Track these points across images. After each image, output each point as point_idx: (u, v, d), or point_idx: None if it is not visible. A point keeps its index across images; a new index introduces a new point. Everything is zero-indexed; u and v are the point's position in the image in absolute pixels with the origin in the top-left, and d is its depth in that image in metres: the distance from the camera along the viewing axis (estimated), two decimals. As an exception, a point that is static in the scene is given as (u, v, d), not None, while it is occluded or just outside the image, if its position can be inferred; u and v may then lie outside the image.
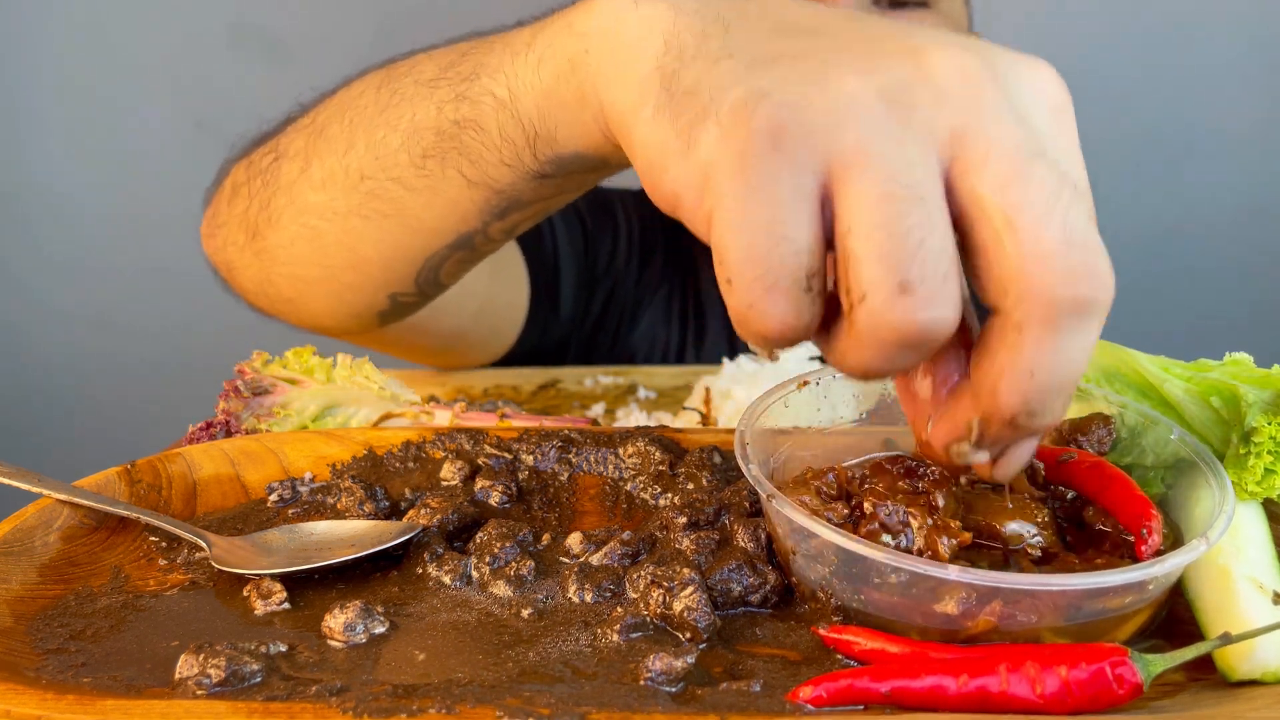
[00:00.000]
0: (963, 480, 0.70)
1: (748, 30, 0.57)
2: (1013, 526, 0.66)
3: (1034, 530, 0.66)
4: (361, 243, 0.89)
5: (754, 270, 0.52)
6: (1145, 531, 0.63)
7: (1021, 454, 0.57)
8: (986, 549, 0.66)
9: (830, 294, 0.53)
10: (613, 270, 1.55)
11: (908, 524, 0.64)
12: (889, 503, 0.65)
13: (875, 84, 0.51)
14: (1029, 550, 0.65)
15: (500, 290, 1.34)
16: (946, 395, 0.57)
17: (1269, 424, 0.66)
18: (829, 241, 0.52)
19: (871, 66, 0.52)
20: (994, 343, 0.52)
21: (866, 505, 0.66)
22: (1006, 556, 0.66)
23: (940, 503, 0.66)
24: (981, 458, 0.57)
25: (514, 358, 1.42)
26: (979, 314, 0.56)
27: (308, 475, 0.83)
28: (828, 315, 0.54)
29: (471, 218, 0.84)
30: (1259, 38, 2.18)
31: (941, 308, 0.50)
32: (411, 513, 0.76)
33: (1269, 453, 0.66)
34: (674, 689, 0.58)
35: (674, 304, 1.57)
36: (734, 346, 1.54)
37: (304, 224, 0.90)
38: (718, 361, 1.50)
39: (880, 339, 0.51)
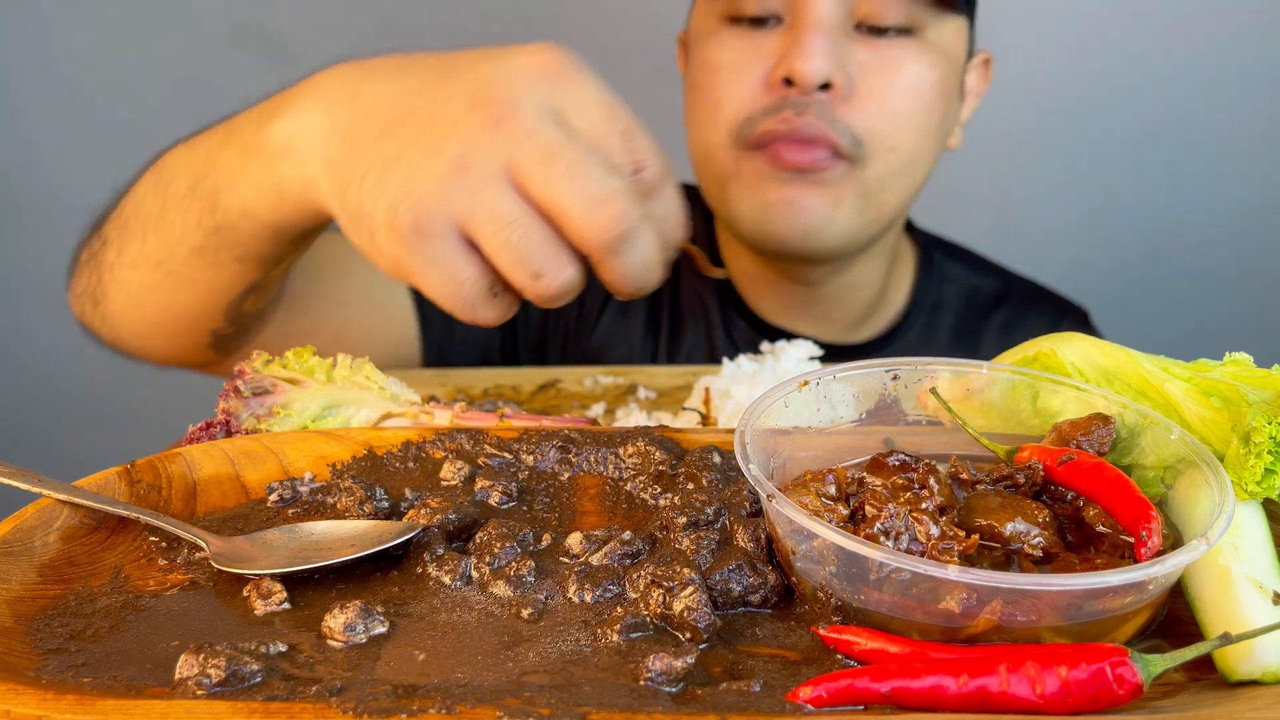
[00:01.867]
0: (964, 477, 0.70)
1: (366, 140, 0.83)
2: (1013, 526, 0.66)
3: (1034, 530, 0.66)
4: (173, 303, 1.11)
5: (460, 305, 0.81)
6: (1145, 533, 0.63)
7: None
8: (987, 549, 0.66)
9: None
10: None
11: (913, 534, 0.64)
12: (892, 505, 0.65)
13: (445, 164, 0.77)
14: (1029, 550, 0.66)
15: (378, 315, 1.41)
16: None
17: (1269, 424, 0.66)
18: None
19: (439, 150, 0.78)
20: (601, 273, 0.82)
21: (869, 509, 0.66)
22: (1008, 556, 0.66)
23: (934, 485, 0.66)
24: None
25: (454, 357, 1.48)
26: None
27: (308, 475, 0.83)
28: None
29: (250, 275, 1.07)
30: (1259, 38, 2.18)
31: (565, 273, 0.80)
32: (411, 513, 0.76)
33: (1269, 453, 0.66)
34: (674, 689, 0.58)
35: (634, 304, 1.57)
36: (714, 349, 1.53)
37: (127, 296, 1.13)
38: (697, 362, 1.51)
39: (547, 303, 0.82)
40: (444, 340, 1.47)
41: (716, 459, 0.82)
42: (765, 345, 1.17)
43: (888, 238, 1.48)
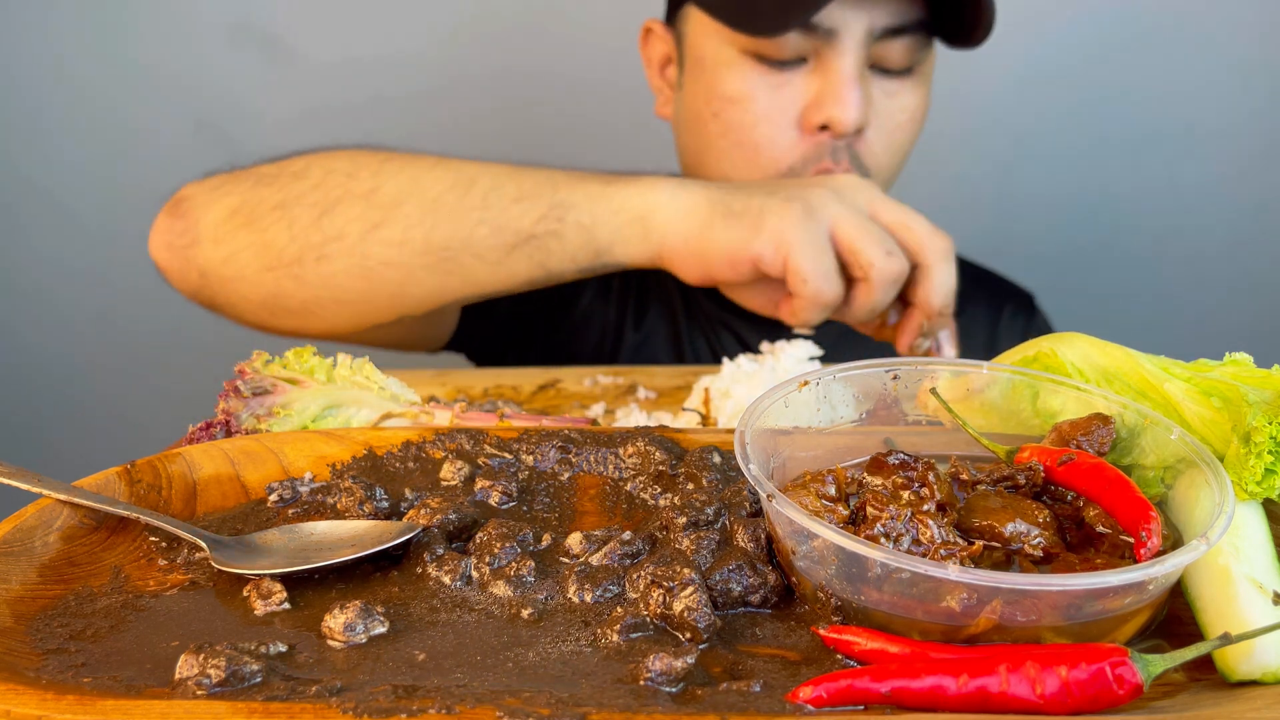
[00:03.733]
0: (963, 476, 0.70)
1: (744, 189, 1.20)
2: (1013, 527, 0.66)
3: (1035, 531, 0.66)
4: (416, 285, 1.20)
5: (820, 271, 1.15)
6: (1144, 534, 0.63)
7: (945, 332, 1.24)
8: (988, 549, 0.66)
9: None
10: None
11: (915, 535, 0.64)
12: (893, 506, 0.65)
13: (823, 189, 1.18)
14: (1029, 550, 0.66)
15: None
16: (901, 319, 1.24)
17: (1269, 424, 0.66)
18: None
19: (816, 185, 1.19)
20: (920, 278, 1.19)
21: (870, 510, 0.66)
22: (1008, 557, 0.66)
23: (932, 481, 0.66)
24: (926, 345, 1.22)
25: (455, 342, 1.52)
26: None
27: (308, 475, 0.83)
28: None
29: (520, 283, 1.22)
30: (1259, 38, 2.18)
31: (903, 259, 1.16)
32: (411, 513, 0.76)
33: (1269, 453, 0.66)
34: (674, 689, 0.58)
35: (614, 285, 1.62)
36: (677, 334, 1.57)
37: (362, 267, 1.19)
38: (658, 340, 1.57)
39: (883, 283, 1.16)
40: (482, 324, 1.52)
41: (716, 459, 0.82)
42: (765, 345, 1.18)
43: None
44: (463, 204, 1.19)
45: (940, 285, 1.17)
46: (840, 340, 1.57)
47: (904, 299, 1.22)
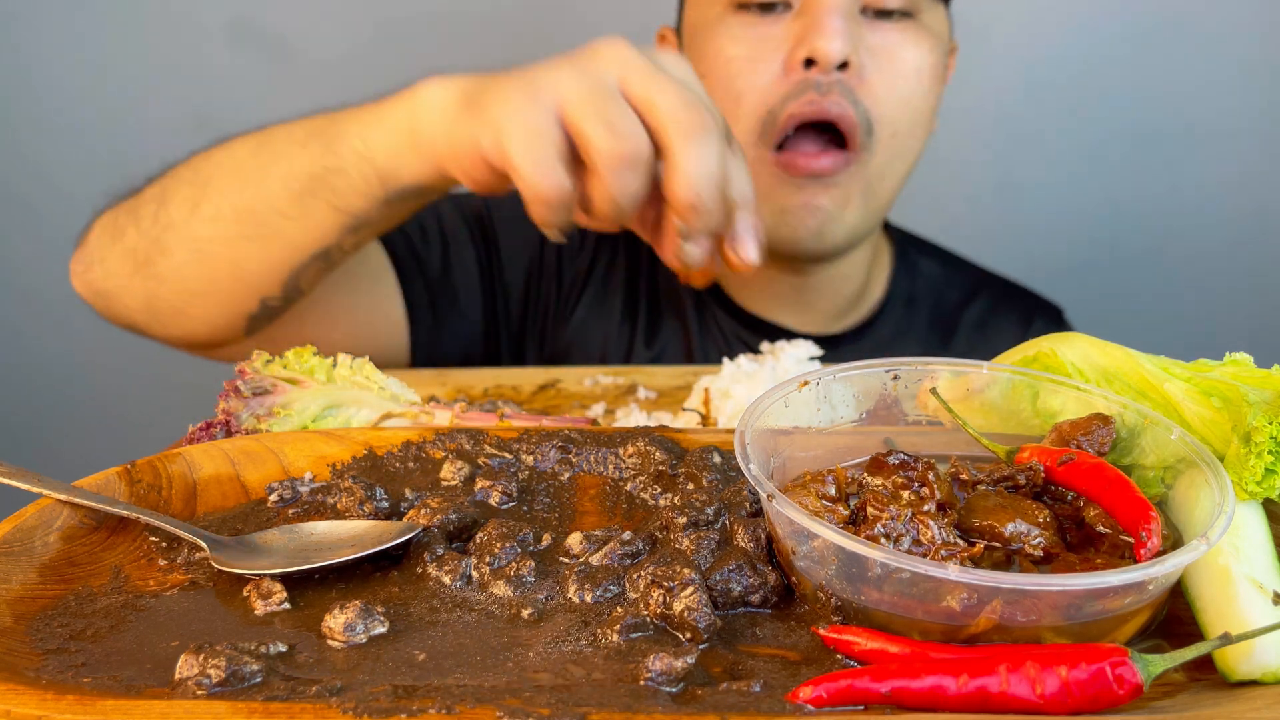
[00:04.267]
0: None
1: (501, 76, 1.00)
2: (1013, 527, 0.66)
3: (1035, 531, 0.66)
4: (245, 259, 1.17)
5: (532, 158, 0.94)
6: (1144, 534, 0.63)
7: (743, 224, 1.01)
8: (988, 549, 0.66)
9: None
10: (541, 268, 1.58)
11: (915, 535, 0.64)
12: (894, 506, 0.65)
13: (569, 64, 0.95)
14: (1030, 550, 0.66)
15: (366, 312, 1.43)
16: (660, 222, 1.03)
17: (1269, 424, 0.66)
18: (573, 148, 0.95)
19: (568, 60, 0.96)
20: (667, 166, 0.95)
21: (870, 510, 0.66)
22: (1009, 556, 0.66)
23: (932, 480, 0.66)
24: (694, 250, 0.99)
25: (437, 357, 1.49)
26: None
27: (308, 475, 0.83)
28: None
29: (331, 235, 1.15)
30: (1259, 37, 2.18)
31: (637, 136, 0.93)
32: (411, 513, 0.76)
33: (1269, 453, 0.66)
34: (674, 689, 0.58)
35: (609, 297, 1.58)
36: (690, 349, 1.54)
37: (195, 249, 1.18)
38: (671, 356, 1.53)
39: (610, 169, 0.93)
40: (432, 332, 1.48)
41: (716, 459, 0.82)
42: (765, 345, 1.18)
43: (886, 212, 1.52)
44: (258, 161, 1.15)
45: (686, 172, 0.92)
46: (842, 341, 1.57)
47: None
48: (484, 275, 1.54)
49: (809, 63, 1.30)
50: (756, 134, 1.35)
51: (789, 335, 1.51)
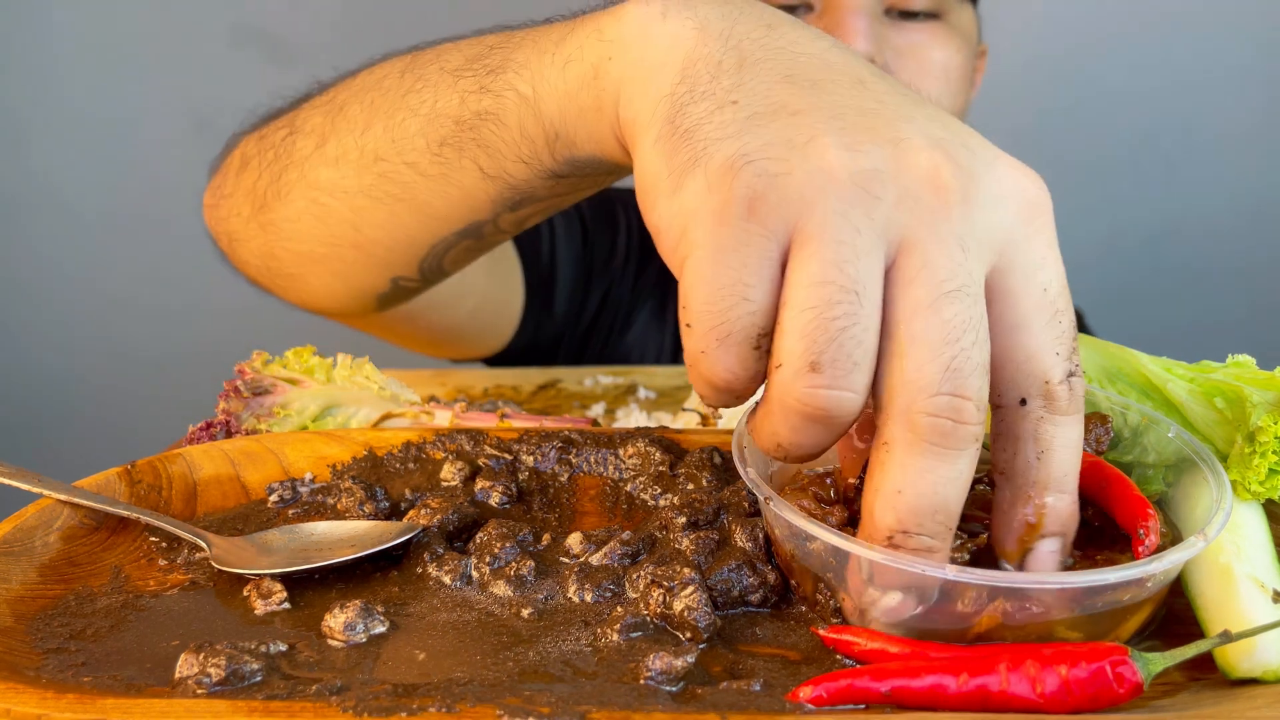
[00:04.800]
0: None
1: (758, 72, 0.58)
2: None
3: None
4: (368, 223, 0.89)
5: (712, 321, 0.55)
6: (1142, 532, 0.63)
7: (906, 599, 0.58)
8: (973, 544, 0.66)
9: None
10: (610, 271, 1.55)
11: None
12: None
13: (852, 166, 0.54)
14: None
15: (496, 289, 1.37)
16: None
17: (1273, 424, 0.66)
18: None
19: (855, 144, 0.54)
20: (872, 462, 0.56)
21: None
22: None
23: None
24: (889, 601, 0.59)
25: (508, 355, 1.45)
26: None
27: (308, 475, 0.83)
28: None
29: (483, 208, 0.84)
30: (1259, 38, 2.18)
31: (844, 390, 0.53)
32: (412, 513, 0.76)
33: (1273, 453, 0.66)
34: (674, 689, 0.58)
35: (669, 308, 1.57)
36: None
37: (313, 199, 0.90)
38: None
39: (785, 408, 0.55)
40: (533, 322, 1.43)
41: (716, 459, 0.82)
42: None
43: None
44: (399, 88, 0.84)
45: (892, 487, 0.55)
46: None
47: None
48: (578, 271, 1.49)
49: None
50: None
51: None
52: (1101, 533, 0.67)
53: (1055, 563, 0.60)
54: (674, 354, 1.55)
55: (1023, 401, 0.57)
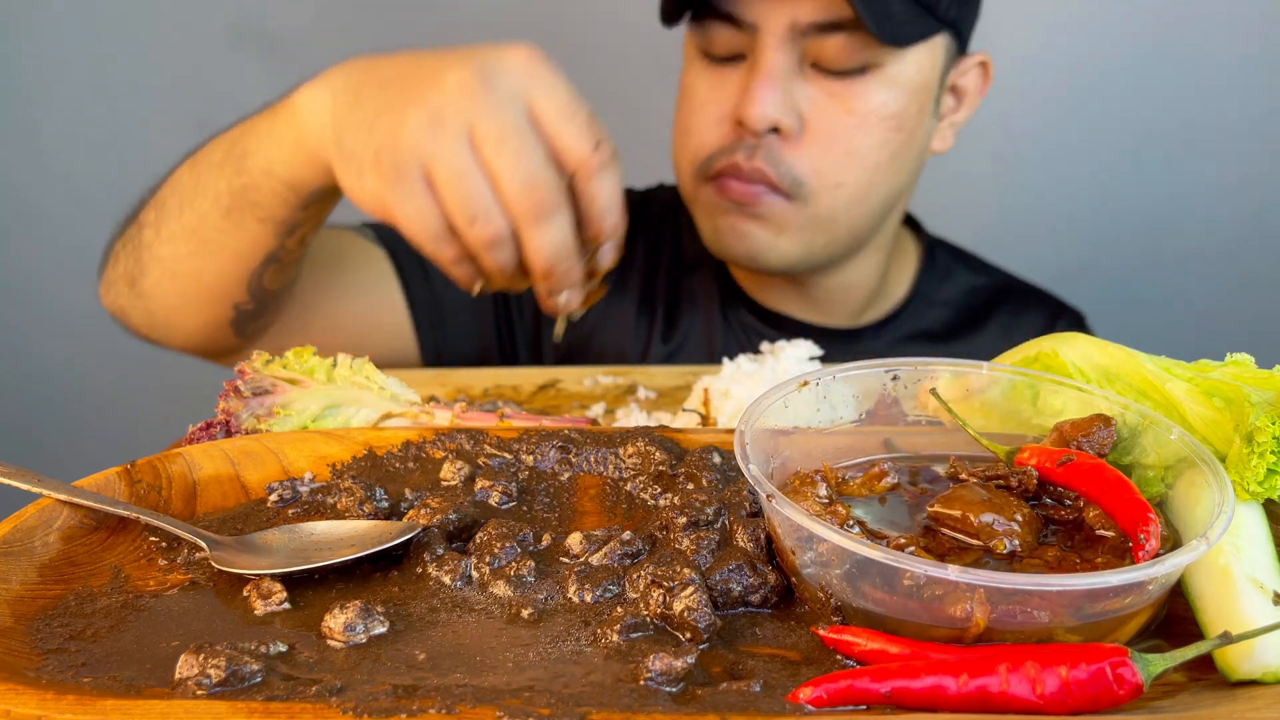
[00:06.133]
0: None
1: (367, 94, 1.00)
2: (984, 519, 0.66)
3: (1005, 524, 0.66)
4: (201, 272, 1.22)
5: (426, 238, 0.97)
6: (1143, 536, 0.63)
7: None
8: (964, 548, 0.66)
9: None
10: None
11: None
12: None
13: (424, 117, 0.94)
14: (996, 546, 0.65)
15: (368, 312, 1.45)
16: None
17: (1272, 424, 0.66)
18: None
19: (422, 103, 0.95)
20: (520, 241, 0.98)
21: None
22: (987, 552, 0.65)
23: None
24: (567, 297, 1.02)
25: (450, 357, 1.51)
26: None
27: (308, 475, 0.83)
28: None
29: (270, 242, 1.19)
30: (1259, 37, 2.18)
31: (495, 223, 0.96)
32: (411, 513, 0.76)
33: (1271, 453, 0.66)
34: (674, 689, 0.58)
35: (631, 294, 1.60)
36: (712, 344, 1.56)
37: (162, 269, 1.25)
38: (691, 353, 1.54)
39: (476, 252, 0.98)
40: (439, 334, 1.49)
41: (716, 459, 0.82)
42: (765, 345, 1.17)
43: (880, 237, 1.51)
44: (192, 183, 1.20)
45: (535, 250, 0.97)
46: (862, 336, 1.58)
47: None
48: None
49: (742, 122, 1.32)
50: (697, 170, 1.40)
51: (808, 330, 1.51)
52: (1102, 537, 0.67)
53: (612, 253, 1.03)
54: (635, 334, 1.57)
55: (574, 174, 0.97)
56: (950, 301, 1.63)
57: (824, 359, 1.15)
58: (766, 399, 0.75)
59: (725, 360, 1.16)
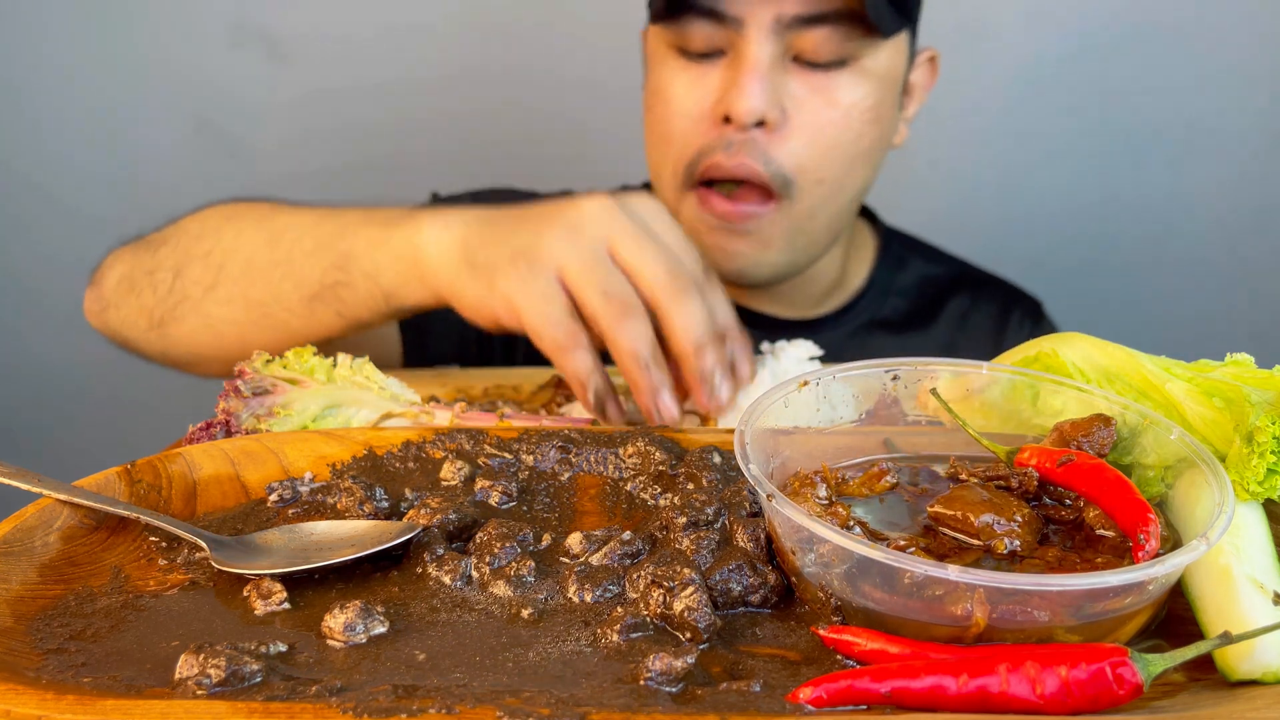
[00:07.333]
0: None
1: (502, 221, 1.08)
2: (984, 519, 0.66)
3: (1005, 524, 0.66)
4: (252, 340, 1.23)
5: (550, 321, 1.01)
6: (1143, 536, 0.63)
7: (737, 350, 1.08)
8: (965, 548, 0.66)
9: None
10: None
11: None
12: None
13: (560, 229, 1.03)
14: (996, 546, 0.65)
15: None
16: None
17: (1272, 424, 0.66)
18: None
19: (560, 219, 1.04)
20: (663, 326, 1.03)
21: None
22: (987, 552, 0.65)
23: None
24: (722, 387, 1.04)
25: (430, 358, 1.52)
26: None
27: (308, 475, 0.83)
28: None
29: (338, 332, 1.22)
30: (1259, 37, 2.18)
31: (628, 296, 1.01)
32: (411, 513, 0.76)
33: (1271, 453, 0.66)
34: (674, 689, 0.58)
35: None
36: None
37: (207, 325, 1.26)
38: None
39: (613, 329, 1.00)
40: (421, 334, 1.51)
41: (716, 459, 0.82)
42: (765, 345, 1.18)
43: (844, 231, 1.53)
44: (270, 259, 1.22)
45: (683, 328, 1.01)
46: (821, 325, 1.58)
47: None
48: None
49: (728, 118, 1.31)
50: (681, 176, 1.39)
51: (766, 321, 1.52)
52: (1102, 537, 0.67)
53: (747, 366, 1.08)
54: None
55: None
56: (907, 290, 1.65)
57: None
58: (766, 399, 0.75)
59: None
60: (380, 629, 0.64)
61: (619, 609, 0.65)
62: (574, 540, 0.72)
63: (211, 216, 1.30)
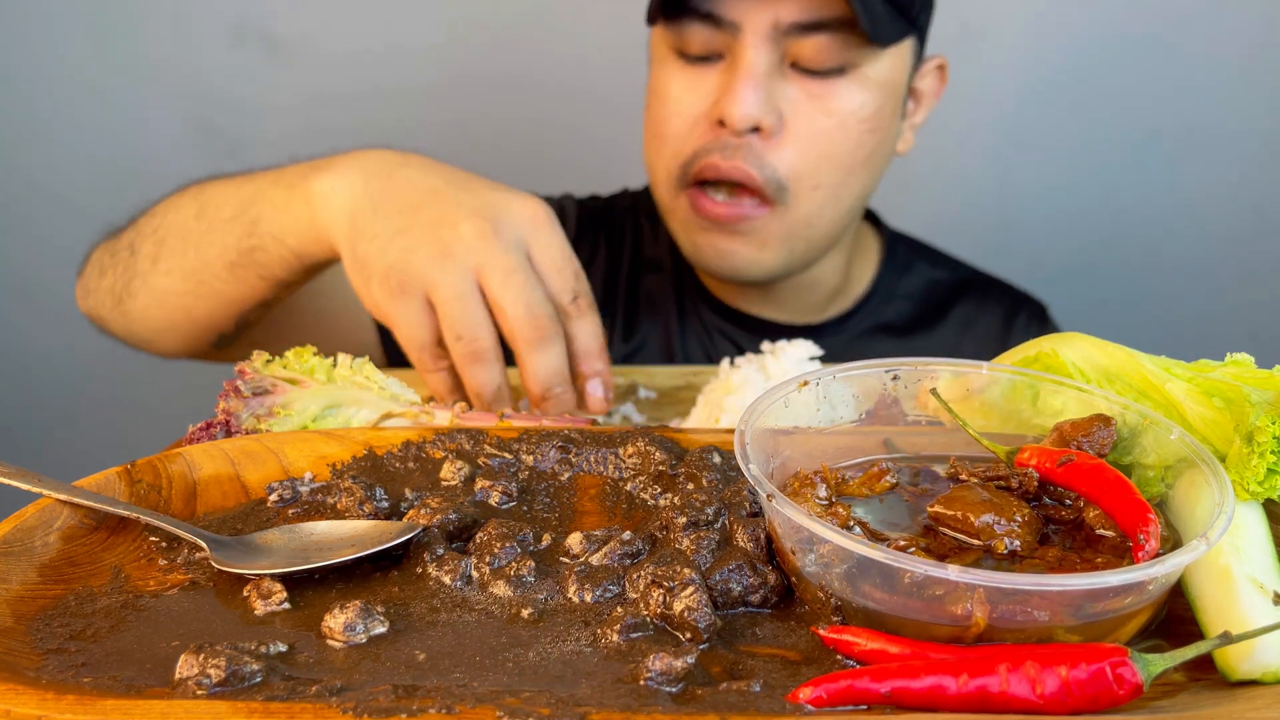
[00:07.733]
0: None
1: (384, 212, 1.10)
2: (985, 519, 0.66)
3: (1005, 524, 0.66)
4: (194, 310, 1.32)
5: (414, 347, 1.09)
6: (1143, 536, 0.63)
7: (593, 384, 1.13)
8: (965, 548, 0.66)
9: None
10: None
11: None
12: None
13: (437, 249, 1.06)
14: (996, 546, 0.65)
15: (337, 314, 1.49)
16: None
17: (1272, 424, 0.66)
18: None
19: (436, 237, 1.07)
20: (520, 367, 1.09)
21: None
22: (987, 553, 0.65)
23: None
24: (558, 408, 1.09)
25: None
26: None
27: (308, 475, 0.83)
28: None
29: (267, 294, 1.28)
30: (1259, 38, 2.18)
31: (480, 342, 1.06)
32: (411, 513, 0.76)
33: (1271, 453, 0.66)
34: (674, 689, 0.58)
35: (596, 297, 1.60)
36: (670, 343, 1.57)
37: (153, 298, 1.33)
38: (651, 351, 1.57)
39: (466, 362, 1.07)
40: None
41: (716, 459, 0.82)
42: (765, 345, 1.18)
43: (843, 236, 1.52)
44: (198, 229, 1.27)
45: (532, 374, 1.07)
46: (824, 331, 1.58)
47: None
48: None
49: (723, 122, 1.32)
50: (675, 176, 1.39)
51: (770, 327, 1.52)
52: (1102, 537, 0.67)
53: (601, 392, 1.12)
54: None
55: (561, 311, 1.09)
56: (911, 295, 1.64)
57: None
58: (766, 399, 0.75)
59: (725, 362, 1.16)
60: (380, 629, 0.64)
61: (619, 609, 0.65)
62: (574, 540, 0.72)
63: (171, 196, 1.35)
